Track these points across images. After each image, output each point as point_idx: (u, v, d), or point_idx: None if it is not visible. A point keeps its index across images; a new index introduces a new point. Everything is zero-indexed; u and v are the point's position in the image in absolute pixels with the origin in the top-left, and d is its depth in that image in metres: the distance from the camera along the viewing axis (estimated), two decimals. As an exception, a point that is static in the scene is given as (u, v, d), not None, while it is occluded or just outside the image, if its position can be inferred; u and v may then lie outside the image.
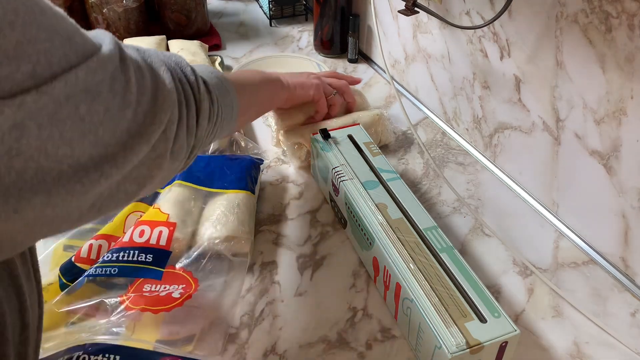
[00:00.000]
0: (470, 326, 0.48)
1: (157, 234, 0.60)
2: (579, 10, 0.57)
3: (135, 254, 0.58)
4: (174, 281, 0.57)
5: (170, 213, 0.62)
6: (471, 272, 0.53)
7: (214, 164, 0.70)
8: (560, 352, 0.55)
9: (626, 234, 0.60)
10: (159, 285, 0.57)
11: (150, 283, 0.57)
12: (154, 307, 0.53)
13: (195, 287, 0.57)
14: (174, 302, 0.54)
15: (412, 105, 0.96)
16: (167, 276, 0.58)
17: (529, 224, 0.71)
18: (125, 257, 0.58)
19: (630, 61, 0.53)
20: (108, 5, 1.02)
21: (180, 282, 0.57)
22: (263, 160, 0.75)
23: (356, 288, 0.62)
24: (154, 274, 0.58)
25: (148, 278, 0.57)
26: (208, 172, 0.68)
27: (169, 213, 0.62)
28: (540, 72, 0.66)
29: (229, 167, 0.70)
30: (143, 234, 0.60)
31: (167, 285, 0.57)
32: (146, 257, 0.58)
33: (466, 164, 0.81)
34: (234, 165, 0.70)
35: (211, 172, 0.69)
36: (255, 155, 0.76)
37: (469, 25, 0.73)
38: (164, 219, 0.62)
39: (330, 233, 0.69)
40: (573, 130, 0.63)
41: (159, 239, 0.60)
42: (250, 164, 0.72)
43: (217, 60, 1.03)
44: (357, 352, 0.55)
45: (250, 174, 0.70)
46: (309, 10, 1.30)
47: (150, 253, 0.59)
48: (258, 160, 0.74)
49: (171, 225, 0.61)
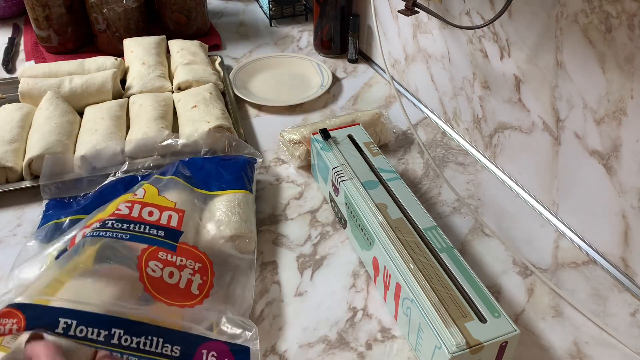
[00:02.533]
0: (470, 326, 0.48)
1: (167, 217, 0.58)
2: (579, 10, 0.57)
3: (147, 228, 0.56)
4: (190, 256, 0.56)
5: (177, 202, 0.61)
6: (471, 272, 0.53)
7: (209, 166, 0.70)
8: (560, 352, 0.55)
9: (626, 234, 0.60)
10: (175, 256, 0.55)
11: (165, 252, 0.55)
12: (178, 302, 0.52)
13: (212, 274, 0.56)
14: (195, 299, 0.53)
15: (412, 105, 0.96)
16: (181, 250, 0.56)
17: (529, 224, 0.71)
18: (136, 229, 0.55)
19: (630, 61, 0.53)
20: (108, 5, 1.02)
21: (197, 260, 0.56)
22: (256, 159, 0.74)
23: (356, 288, 0.62)
24: (167, 245, 0.56)
25: (162, 247, 0.55)
26: (204, 175, 0.68)
27: (175, 202, 0.61)
28: (540, 72, 0.66)
29: (224, 168, 0.69)
30: (152, 215, 0.58)
31: (183, 258, 0.55)
32: (158, 232, 0.56)
33: (466, 164, 0.82)
34: (229, 165, 0.70)
35: (207, 175, 0.68)
36: (248, 154, 0.75)
37: (469, 25, 0.73)
38: (172, 206, 0.60)
39: (330, 233, 0.69)
40: (573, 130, 0.63)
41: (169, 220, 0.58)
42: (245, 163, 0.71)
43: (217, 60, 1.03)
44: (357, 352, 0.55)
45: (246, 173, 0.70)
46: (309, 10, 1.30)
47: (161, 230, 0.57)
48: (252, 159, 0.74)
49: (180, 211, 0.60)
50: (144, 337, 0.46)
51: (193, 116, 0.81)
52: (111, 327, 0.45)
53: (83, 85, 0.87)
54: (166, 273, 0.53)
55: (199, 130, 0.78)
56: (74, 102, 0.86)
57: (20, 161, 0.74)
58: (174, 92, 0.92)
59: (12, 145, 0.75)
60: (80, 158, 0.73)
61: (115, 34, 1.06)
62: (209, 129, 0.78)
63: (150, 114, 0.82)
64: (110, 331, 0.45)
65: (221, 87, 0.93)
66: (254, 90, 1.00)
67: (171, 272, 0.54)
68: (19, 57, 1.10)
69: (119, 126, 0.81)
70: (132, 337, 0.46)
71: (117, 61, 0.95)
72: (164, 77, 0.94)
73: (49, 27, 1.04)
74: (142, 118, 0.81)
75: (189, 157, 0.72)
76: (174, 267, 0.54)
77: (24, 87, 0.86)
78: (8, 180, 0.73)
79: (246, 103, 0.96)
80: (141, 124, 0.80)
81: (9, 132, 0.77)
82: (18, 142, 0.76)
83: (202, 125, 0.79)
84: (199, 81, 0.92)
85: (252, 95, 0.97)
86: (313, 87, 1.00)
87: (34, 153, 0.73)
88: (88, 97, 0.87)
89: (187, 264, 0.55)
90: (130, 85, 0.91)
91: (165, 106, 0.86)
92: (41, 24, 1.04)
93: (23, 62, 1.08)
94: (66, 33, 1.06)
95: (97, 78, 0.89)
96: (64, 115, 0.81)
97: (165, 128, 0.80)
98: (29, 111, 0.83)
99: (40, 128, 0.78)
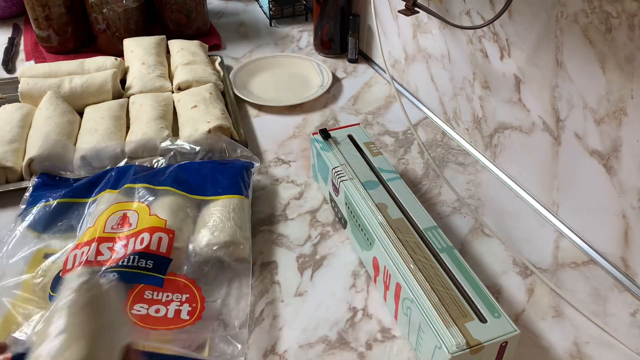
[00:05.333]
0: (470, 326, 0.48)
1: (157, 240, 0.59)
2: (579, 10, 0.57)
3: (135, 259, 0.57)
4: (177, 289, 0.57)
5: (168, 220, 0.61)
6: (471, 272, 0.53)
7: (205, 170, 0.69)
8: (560, 352, 0.55)
9: (626, 234, 0.60)
10: (161, 293, 0.56)
11: (152, 290, 0.56)
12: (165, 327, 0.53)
13: (201, 299, 0.56)
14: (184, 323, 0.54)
15: (412, 105, 0.96)
16: (168, 283, 0.57)
17: (529, 224, 0.71)
18: (125, 262, 0.56)
19: (630, 61, 0.53)
20: (108, 5, 1.02)
21: (184, 292, 0.57)
22: (254, 163, 0.74)
23: (356, 288, 0.62)
24: (155, 280, 0.57)
25: (149, 284, 0.56)
26: (200, 179, 0.68)
27: (166, 219, 0.61)
28: (540, 72, 0.66)
29: (220, 173, 0.69)
30: (143, 242, 0.59)
31: (169, 293, 0.56)
32: (146, 264, 0.57)
33: (466, 164, 0.81)
34: (226, 170, 0.70)
35: (203, 179, 0.68)
36: (245, 158, 0.75)
37: (469, 25, 0.73)
38: (162, 225, 0.61)
39: (330, 233, 0.69)
40: (573, 130, 0.63)
41: (159, 245, 0.59)
42: (241, 168, 0.71)
43: (217, 60, 1.03)
44: (357, 352, 0.55)
45: (242, 178, 0.70)
46: (309, 10, 1.30)
47: (150, 259, 0.57)
48: (249, 164, 0.73)
49: (170, 232, 0.60)
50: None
51: (193, 116, 0.81)
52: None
53: (83, 85, 0.87)
54: (152, 310, 0.54)
55: (199, 130, 0.78)
56: (74, 102, 0.86)
57: (20, 161, 0.74)
58: (174, 92, 0.92)
59: (12, 145, 0.75)
60: (80, 158, 0.74)
61: (115, 34, 1.06)
62: (208, 129, 0.78)
63: (150, 114, 0.82)
64: None
65: (221, 87, 0.93)
66: (254, 90, 1.00)
67: (157, 309, 0.54)
68: (19, 57, 1.10)
69: (119, 126, 0.81)
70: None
71: (117, 61, 0.95)
72: (164, 77, 0.94)
73: (49, 27, 1.04)
74: (142, 118, 0.81)
75: (186, 161, 0.72)
76: (160, 305, 0.55)
77: (24, 87, 0.86)
78: (8, 180, 0.73)
79: (246, 103, 0.96)
80: (141, 124, 0.80)
81: (9, 132, 0.77)
82: (18, 142, 0.76)
83: (202, 125, 0.79)
84: (199, 81, 0.92)
85: (252, 95, 0.97)
86: (313, 87, 1.00)
87: (34, 153, 0.73)
88: (88, 97, 0.87)
89: (174, 297, 0.56)
90: (130, 85, 0.91)
91: (165, 106, 0.85)
92: (41, 24, 1.04)
93: (23, 62, 1.08)
94: (66, 33, 1.06)
95: (97, 78, 0.89)
96: (64, 115, 0.81)
97: (165, 128, 0.80)
98: (29, 111, 0.83)
99: (40, 128, 0.78)
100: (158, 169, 0.70)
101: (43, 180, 0.70)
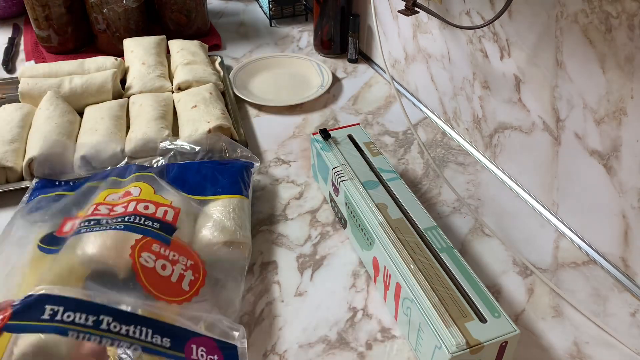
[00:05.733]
0: (470, 326, 0.48)
1: (163, 212, 0.59)
2: (579, 10, 0.57)
3: (142, 219, 0.56)
4: (183, 252, 0.56)
5: (173, 201, 0.61)
6: (471, 272, 0.53)
7: (205, 170, 0.69)
8: (560, 352, 0.55)
9: (626, 234, 0.60)
10: (168, 250, 0.55)
11: (159, 244, 0.55)
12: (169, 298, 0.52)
13: (204, 270, 0.56)
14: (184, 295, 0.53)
15: (412, 105, 0.96)
16: (175, 245, 0.56)
17: (529, 224, 0.71)
18: (131, 220, 0.56)
19: (630, 61, 0.53)
20: (108, 5, 1.02)
21: (189, 257, 0.56)
22: (254, 163, 0.74)
23: (356, 288, 0.62)
24: (162, 237, 0.56)
25: (156, 239, 0.55)
26: (199, 179, 0.68)
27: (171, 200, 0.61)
28: (540, 72, 0.66)
29: (220, 173, 0.69)
30: (148, 208, 0.58)
31: (175, 253, 0.55)
32: (153, 224, 0.56)
33: (466, 164, 0.82)
34: (226, 170, 0.70)
35: (203, 179, 0.68)
36: (245, 158, 0.75)
37: (469, 25, 0.73)
38: (168, 203, 0.61)
39: (330, 233, 0.69)
40: (573, 130, 0.63)
41: (165, 215, 0.58)
42: (241, 168, 0.71)
43: (217, 60, 1.03)
44: (357, 352, 0.55)
45: (242, 178, 0.69)
46: (309, 10, 1.30)
47: (157, 222, 0.57)
48: (249, 164, 0.73)
49: (176, 209, 0.60)
50: (133, 326, 0.46)
51: (193, 116, 0.81)
52: (100, 313, 0.45)
53: (83, 85, 0.87)
54: (159, 265, 0.53)
55: (199, 130, 0.78)
56: (74, 102, 0.86)
57: (20, 161, 0.74)
58: (174, 92, 0.92)
59: (12, 145, 0.75)
60: (80, 158, 0.73)
61: (115, 34, 1.06)
62: (208, 129, 0.78)
63: (150, 114, 0.82)
64: (99, 317, 0.45)
65: (221, 87, 0.93)
66: (254, 90, 1.00)
67: (164, 265, 0.54)
68: (19, 57, 1.10)
69: (119, 126, 0.82)
70: (122, 325, 0.46)
71: (117, 61, 0.95)
72: (164, 77, 0.94)
73: (49, 27, 1.04)
74: (142, 118, 0.81)
75: (186, 161, 0.72)
76: (167, 261, 0.54)
77: (24, 87, 0.86)
78: (8, 180, 0.73)
79: (246, 103, 0.96)
80: (141, 124, 0.80)
81: (9, 132, 0.77)
82: (18, 142, 0.76)
83: (202, 125, 0.79)
84: (199, 81, 0.92)
85: (252, 95, 0.97)
86: (313, 87, 1.00)
87: (34, 153, 0.73)
88: (88, 97, 0.88)
89: (180, 259, 0.55)
90: (130, 85, 0.91)
91: (165, 106, 0.86)
92: (41, 24, 1.04)
93: (23, 62, 1.08)
94: (66, 33, 1.06)
95: (97, 78, 0.89)
96: (64, 115, 0.81)
97: (165, 128, 0.80)
98: (29, 111, 0.83)
99: (40, 128, 0.78)
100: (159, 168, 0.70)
101: (43, 184, 0.70)
